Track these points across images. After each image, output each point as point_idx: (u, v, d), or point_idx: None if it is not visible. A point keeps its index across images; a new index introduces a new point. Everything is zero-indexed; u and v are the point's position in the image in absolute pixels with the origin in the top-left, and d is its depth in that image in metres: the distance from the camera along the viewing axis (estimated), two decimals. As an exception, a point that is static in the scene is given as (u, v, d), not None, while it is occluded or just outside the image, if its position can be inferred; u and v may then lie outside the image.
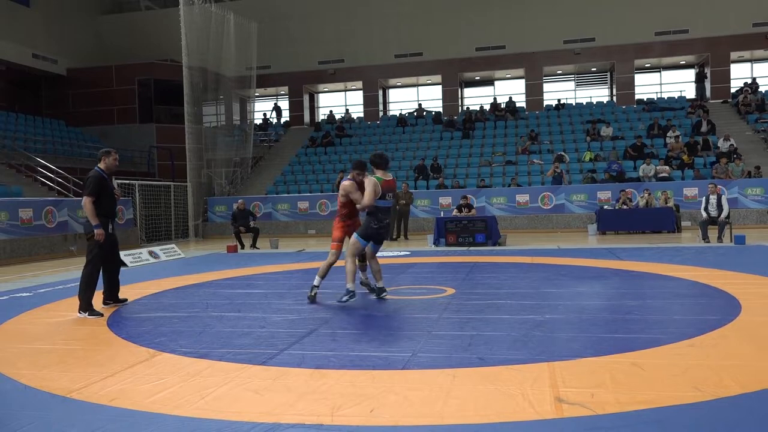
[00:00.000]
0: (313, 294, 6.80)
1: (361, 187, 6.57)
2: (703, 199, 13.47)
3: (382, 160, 6.56)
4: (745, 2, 24.63)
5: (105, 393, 3.75)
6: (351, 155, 23.71)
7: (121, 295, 7.08)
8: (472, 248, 13.22)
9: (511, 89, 28.43)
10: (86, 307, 6.38)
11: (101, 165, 6.66)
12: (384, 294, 6.81)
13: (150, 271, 10.62)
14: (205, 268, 10.78)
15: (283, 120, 29.90)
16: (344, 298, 6.52)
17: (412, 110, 28.15)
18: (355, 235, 6.61)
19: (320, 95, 31.33)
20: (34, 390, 3.88)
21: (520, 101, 27.12)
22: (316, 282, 6.85)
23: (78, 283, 6.56)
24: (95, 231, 6.41)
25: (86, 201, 6.43)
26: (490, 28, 26.62)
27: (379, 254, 7.20)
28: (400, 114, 27.34)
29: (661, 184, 17.93)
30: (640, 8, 25.40)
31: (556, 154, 20.91)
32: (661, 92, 27.94)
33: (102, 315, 6.36)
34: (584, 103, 26.68)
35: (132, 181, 18.45)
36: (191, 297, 7.56)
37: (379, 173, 6.52)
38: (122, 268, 10.89)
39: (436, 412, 3.26)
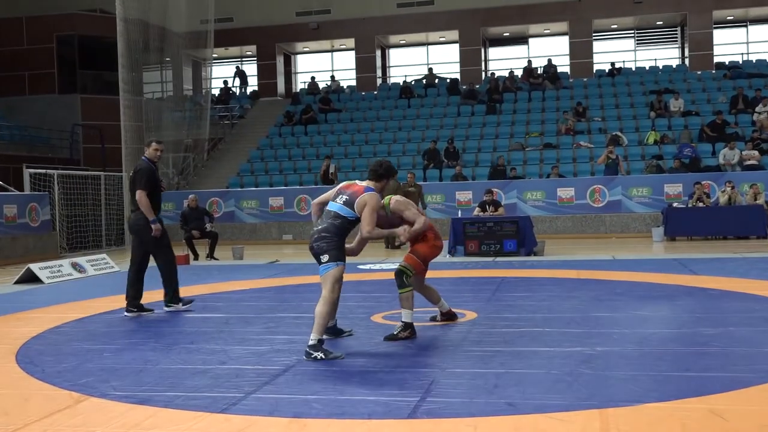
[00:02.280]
0: None
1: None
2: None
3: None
4: None
5: (15, 450, 3.76)
6: (340, 135, 23.72)
7: (38, 324, 7.12)
8: (499, 259, 13.25)
9: (550, 49, 28.43)
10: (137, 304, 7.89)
11: (147, 155, 7.97)
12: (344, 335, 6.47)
13: (74, 290, 10.60)
14: (146, 285, 10.75)
15: (249, 89, 29.88)
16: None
17: (420, 77, 28.12)
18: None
19: (299, 57, 31.30)
20: None
21: (563, 65, 27.10)
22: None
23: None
24: (153, 226, 7.75)
25: (141, 195, 7.71)
26: (523, -32, 26.67)
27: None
28: (405, 82, 27.32)
29: (749, 174, 17.94)
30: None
31: (610, 134, 20.93)
32: (747, 53, 27.94)
33: (152, 311, 8.03)
34: (647, 68, 26.65)
35: (49, 171, 18.40)
36: (128, 323, 7.56)
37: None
38: (39, 286, 10.98)
39: (451, 474, 3.27)
